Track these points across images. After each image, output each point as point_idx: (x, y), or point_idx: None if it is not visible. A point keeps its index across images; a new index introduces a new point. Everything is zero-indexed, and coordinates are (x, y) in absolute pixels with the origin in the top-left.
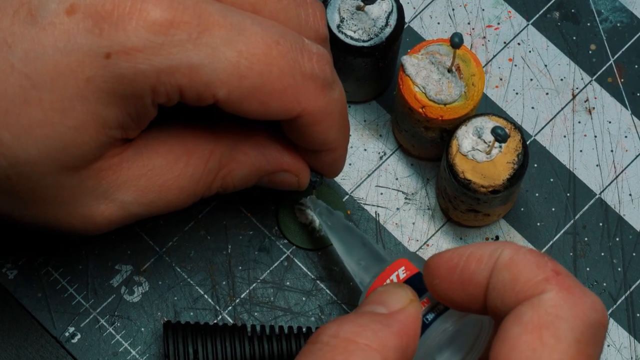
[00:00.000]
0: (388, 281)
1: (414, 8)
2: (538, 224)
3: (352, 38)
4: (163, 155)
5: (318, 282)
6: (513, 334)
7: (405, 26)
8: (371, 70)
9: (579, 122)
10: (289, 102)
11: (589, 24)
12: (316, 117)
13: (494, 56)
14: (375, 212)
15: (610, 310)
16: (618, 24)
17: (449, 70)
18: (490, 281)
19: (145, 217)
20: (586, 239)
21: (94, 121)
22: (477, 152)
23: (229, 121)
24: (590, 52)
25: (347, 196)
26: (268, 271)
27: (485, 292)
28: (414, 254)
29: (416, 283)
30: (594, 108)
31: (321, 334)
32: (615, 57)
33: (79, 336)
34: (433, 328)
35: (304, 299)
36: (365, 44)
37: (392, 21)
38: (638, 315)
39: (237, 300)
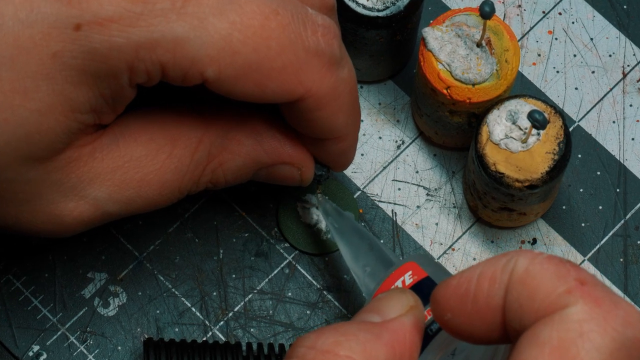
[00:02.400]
0: (393, 288)
1: None
2: (582, 224)
3: (364, 7)
4: (143, 144)
5: (325, 292)
6: (528, 356)
7: None
8: (387, 45)
9: (631, 106)
10: (290, 83)
11: None
12: (322, 100)
13: (531, 28)
14: (392, 210)
15: None
16: None
17: (478, 45)
18: (506, 300)
19: (121, 216)
20: (639, 242)
21: (62, 104)
22: (511, 140)
23: (220, 105)
24: None
25: (359, 192)
26: (266, 280)
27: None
28: (423, 255)
29: (423, 289)
30: None
31: (297, 346)
32: None
33: (44, 356)
34: (438, 340)
35: (308, 312)
36: (380, 14)
37: None
38: None
39: (230, 314)
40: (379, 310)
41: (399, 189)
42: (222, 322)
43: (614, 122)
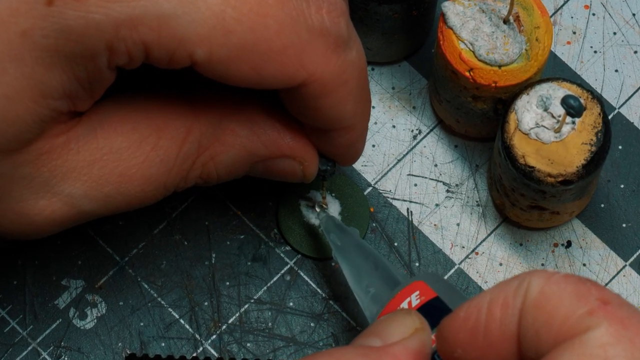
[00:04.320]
0: (398, 309)
1: None
2: (624, 225)
3: None
4: (124, 134)
5: (331, 302)
6: None
7: None
8: (401, 21)
9: None
10: (291, 66)
11: None
12: (326, 86)
13: (565, 2)
14: (408, 209)
15: None
16: None
17: (506, 21)
18: (520, 327)
19: (100, 215)
20: None
21: (32, 88)
22: (542, 129)
23: (211, 91)
24: None
25: (370, 189)
26: (265, 288)
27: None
28: (433, 274)
29: (431, 310)
30: None
31: None
32: None
33: None
34: None
35: (312, 324)
36: None
37: None
38: None
39: (224, 327)
40: (380, 333)
41: (415, 185)
42: (214, 336)
43: None
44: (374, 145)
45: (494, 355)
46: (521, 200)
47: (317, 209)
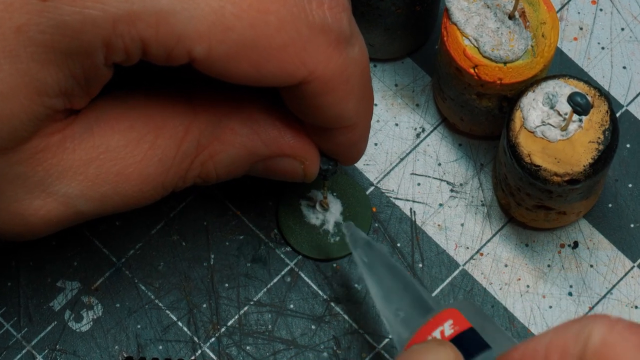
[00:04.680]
0: (430, 338)
1: None
2: (632, 225)
3: None
4: (121, 132)
5: (332, 304)
6: None
7: None
8: (405, 17)
9: None
10: (291, 63)
11: None
12: (328, 84)
13: None
14: (411, 209)
15: None
16: None
17: (511, 17)
18: None
19: (96, 216)
20: None
21: (27, 85)
22: (548, 128)
23: (211, 88)
24: None
25: (372, 188)
26: (264, 290)
27: None
28: (468, 302)
29: (465, 342)
30: None
31: None
32: None
33: None
34: None
35: (313, 327)
36: None
37: None
38: None
39: (223, 330)
40: None
41: (419, 184)
42: (213, 339)
43: None
44: (376, 144)
45: None
46: (527, 200)
47: (319, 209)
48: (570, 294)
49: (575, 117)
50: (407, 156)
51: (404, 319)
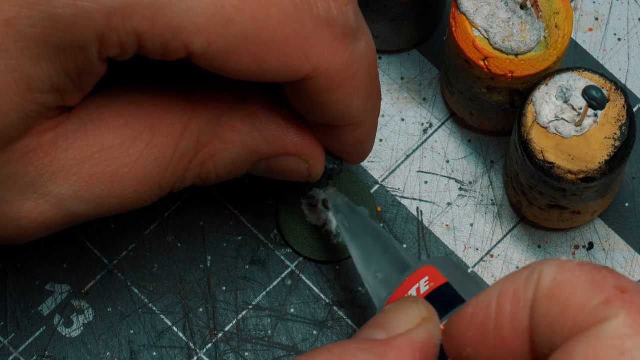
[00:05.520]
0: (405, 297)
1: None
2: None
3: None
4: (116, 130)
5: (335, 308)
6: None
7: None
8: (411, 6)
9: None
10: (295, 58)
11: None
12: (333, 80)
13: None
14: (418, 208)
15: None
16: None
17: (523, 6)
18: (532, 320)
19: (90, 218)
20: None
21: (17, 82)
22: (562, 123)
23: (210, 84)
24: None
25: (377, 186)
26: (264, 293)
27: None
28: (444, 258)
29: (441, 297)
30: None
31: None
32: None
33: None
34: None
35: (315, 332)
36: None
37: None
38: None
39: (220, 335)
40: (385, 324)
41: (426, 183)
42: (210, 345)
43: None
44: (381, 140)
45: (505, 352)
46: (539, 199)
47: (321, 208)
48: None
49: (590, 111)
50: (413, 153)
51: (382, 280)
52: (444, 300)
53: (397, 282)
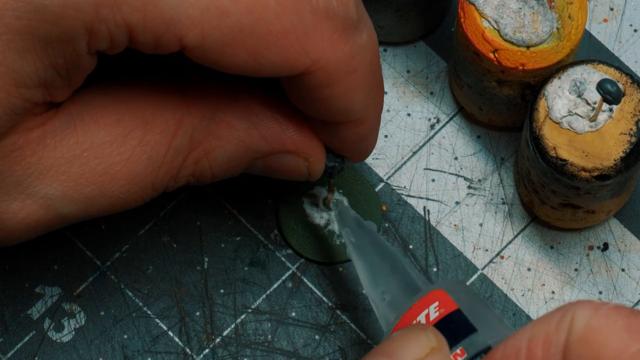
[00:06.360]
0: (413, 323)
1: None
2: None
3: None
4: (107, 127)
5: (338, 312)
6: None
7: None
8: None
9: None
10: (293, 52)
11: None
12: (333, 74)
13: None
14: (424, 207)
15: None
16: None
17: None
18: None
19: (80, 219)
20: None
21: (2, 76)
22: (575, 118)
23: (205, 79)
24: None
25: (382, 184)
26: (264, 296)
27: None
28: (455, 281)
29: (451, 325)
30: None
31: None
32: None
33: None
34: None
35: (317, 337)
36: None
37: None
38: None
39: (218, 340)
40: (393, 353)
41: (433, 181)
42: (207, 350)
43: None
44: (386, 136)
45: None
46: (552, 198)
47: (323, 207)
48: None
49: (605, 106)
50: (420, 149)
51: (390, 302)
52: (455, 328)
53: (406, 305)
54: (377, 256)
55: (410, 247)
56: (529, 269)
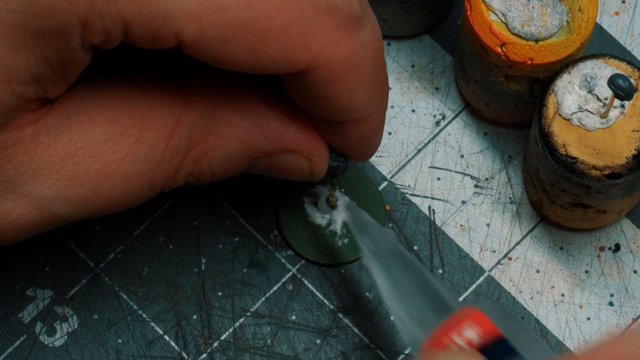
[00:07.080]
0: (451, 344)
1: None
2: None
3: None
4: (102, 125)
5: (340, 315)
6: None
7: None
8: None
9: None
10: (294, 48)
11: None
12: (335, 71)
13: None
14: (429, 207)
15: None
16: None
17: None
18: None
19: (74, 220)
20: None
21: None
22: (586, 114)
23: (205, 75)
24: None
25: (386, 183)
26: (263, 299)
27: None
28: (488, 300)
29: (491, 349)
30: None
31: None
32: None
33: None
34: None
35: (318, 342)
36: None
37: None
38: None
39: (216, 344)
40: None
41: (439, 179)
42: (204, 355)
43: None
44: (390, 133)
45: None
46: (562, 197)
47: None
48: (611, 303)
49: (616, 102)
50: (425, 147)
51: (419, 319)
52: (494, 350)
53: (435, 321)
54: (399, 265)
55: (415, 248)
56: (537, 271)
